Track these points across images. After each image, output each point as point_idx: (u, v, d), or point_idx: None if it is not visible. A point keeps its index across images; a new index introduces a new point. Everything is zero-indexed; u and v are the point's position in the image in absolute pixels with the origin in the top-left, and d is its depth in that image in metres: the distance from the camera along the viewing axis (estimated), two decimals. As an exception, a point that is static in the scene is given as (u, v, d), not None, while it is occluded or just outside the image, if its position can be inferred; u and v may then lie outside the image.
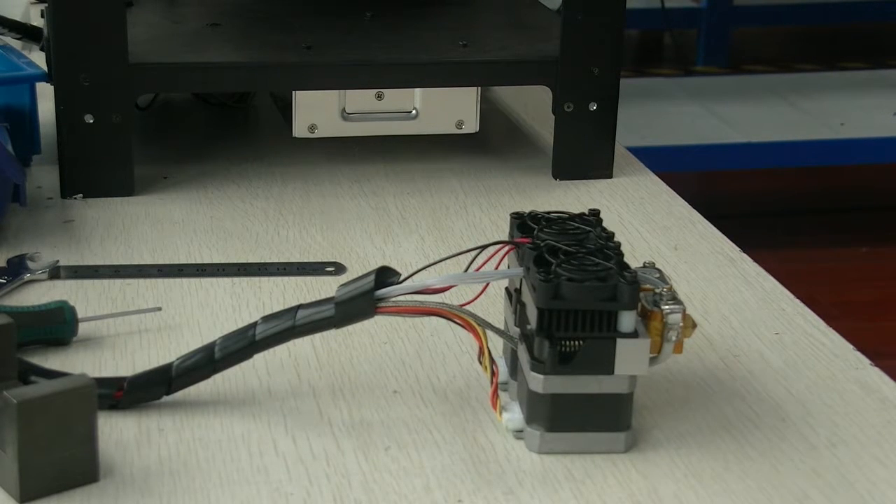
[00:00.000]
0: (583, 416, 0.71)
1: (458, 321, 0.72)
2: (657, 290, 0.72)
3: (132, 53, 1.03)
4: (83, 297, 0.89)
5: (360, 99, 1.09)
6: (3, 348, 0.72)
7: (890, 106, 2.94)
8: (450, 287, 0.72)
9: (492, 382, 0.71)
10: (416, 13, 1.22)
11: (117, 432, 0.73)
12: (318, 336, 0.79)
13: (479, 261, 0.73)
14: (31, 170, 1.10)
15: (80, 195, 1.05)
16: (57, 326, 0.81)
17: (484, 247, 0.74)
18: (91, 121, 1.03)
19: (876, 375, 0.81)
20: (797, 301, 0.91)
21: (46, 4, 1.05)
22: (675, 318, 0.71)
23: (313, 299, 0.74)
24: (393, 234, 1.01)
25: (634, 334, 0.70)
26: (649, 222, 1.04)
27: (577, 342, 0.69)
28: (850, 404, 0.78)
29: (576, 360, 0.69)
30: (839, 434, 0.74)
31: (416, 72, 1.08)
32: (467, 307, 0.72)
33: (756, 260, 0.97)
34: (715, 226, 1.03)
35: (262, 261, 0.95)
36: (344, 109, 1.09)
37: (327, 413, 0.75)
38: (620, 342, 0.69)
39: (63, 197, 1.05)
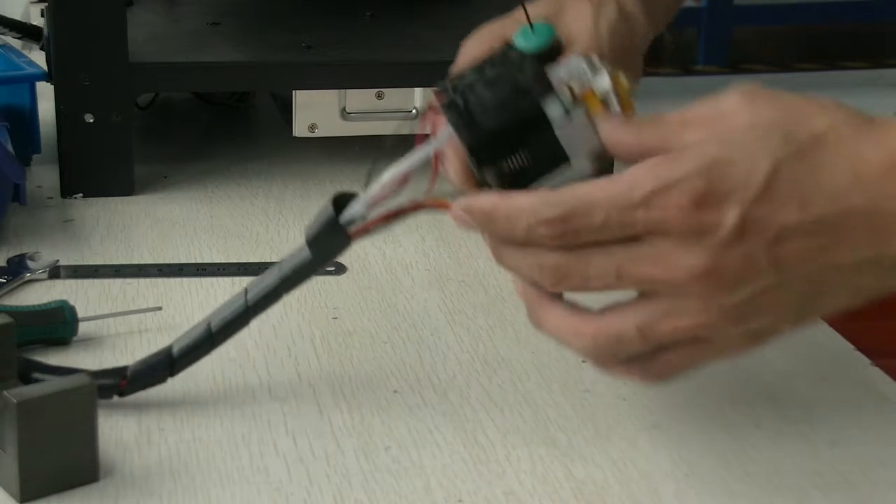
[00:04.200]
0: None
1: (434, 206, 0.69)
2: (583, 74, 0.67)
3: (132, 53, 1.03)
4: (83, 296, 0.88)
5: (360, 98, 1.09)
6: (3, 348, 0.72)
7: (890, 106, 2.94)
8: (406, 174, 0.69)
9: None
10: (416, 13, 1.22)
11: (117, 432, 0.73)
12: (318, 336, 0.79)
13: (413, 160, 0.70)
14: (31, 169, 1.10)
15: (80, 195, 1.05)
16: (57, 326, 0.81)
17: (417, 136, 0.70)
18: (91, 120, 1.03)
19: (876, 375, 0.81)
20: (797, 301, 0.90)
21: (46, 4, 1.05)
22: (602, 84, 0.67)
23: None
24: (393, 234, 1.01)
25: (566, 114, 0.66)
26: (649, 222, 1.04)
27: (520, 156, 0.67)
28: (850, 404, 0.78)
29: (530, 171, 0.66)
30: (839, 434, 0.74)
31: (416, 72, 1.08)
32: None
33: (756, 260, 0.97)
34: (715, 226, 1.03)
35: (262, 260, 0.95)
36: (344, 109, 1.09)
37: (327, 413, 0.75)
38: (558, 128, 0.66)
39: (63, 196, 1.05)
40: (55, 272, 0.91)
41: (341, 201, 0.71)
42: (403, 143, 0.72)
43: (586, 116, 0.66)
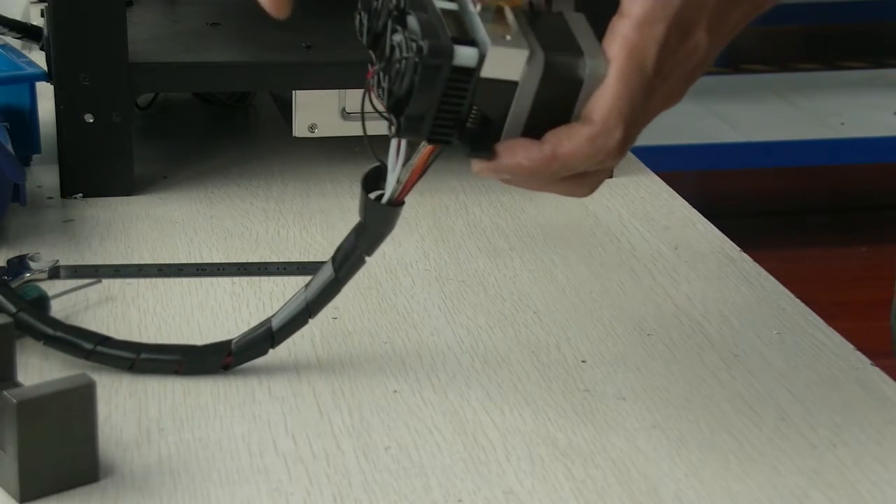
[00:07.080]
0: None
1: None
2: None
3: (132, 53, 1.03)
4: (83, 296, 0.88)
5: (361, 99, 1.08)
6: (2, 348, 0.72)
7: (890, 106, 2.94)
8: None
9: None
10: (416, 13, 1.22)
11: (117, 432, 0.73)
12: (318, 336, 0.79)
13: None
14: (31, 170, 1.10)
15: (80, 195, 1.05)
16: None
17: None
18: (91, 120, 1.03)
19: (876, 375, 0.81)
20: (797, 301, 0.91)
21: (46, 4, 1.05)
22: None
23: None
24: (393, 234, 1.00)
25: (479, 54, 0.65)
26: (649, 222, 1.04)
27: (477, 110, 0.66)
28: (850, 404, 0.78)
29: (494, 114, 0.67)
30: (839, 434, 0.74)
31: (416, 71, 1.08)
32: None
33: (756, 260, 0.97)
34: (715, 225, 1.03)
35: (262, 260, 0.95)
36: (344, 109, 1.09)
37: (327, 413, 0.75)
38: (486, 70, 0.65)
39: (63, 197, 1.05)
40: (55, 272, 0.91)
41: (370, 178, 0.74)
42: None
43: (499, 39, 0.65)
